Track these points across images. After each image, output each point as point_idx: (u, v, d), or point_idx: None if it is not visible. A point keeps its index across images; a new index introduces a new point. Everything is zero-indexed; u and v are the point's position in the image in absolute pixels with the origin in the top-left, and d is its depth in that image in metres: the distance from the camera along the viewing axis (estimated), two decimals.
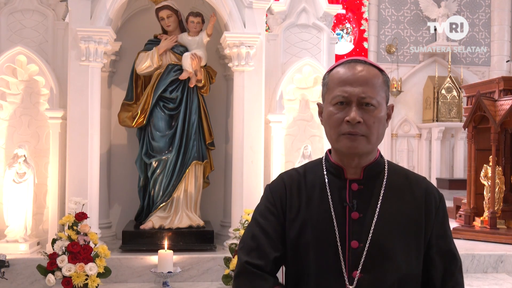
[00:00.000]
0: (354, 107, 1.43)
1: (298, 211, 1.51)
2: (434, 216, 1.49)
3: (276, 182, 1.60)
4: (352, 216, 1.46)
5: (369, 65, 1.48)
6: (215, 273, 4.35)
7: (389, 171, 1.53)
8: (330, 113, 1.47)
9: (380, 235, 1.44)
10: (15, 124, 4.76)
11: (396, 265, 1.43)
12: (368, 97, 1.43)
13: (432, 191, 1.52)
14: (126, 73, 5.01)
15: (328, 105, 1.48)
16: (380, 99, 1.46)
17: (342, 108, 1.45)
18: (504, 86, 5.67)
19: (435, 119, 9.48)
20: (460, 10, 10.23)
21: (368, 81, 1.44)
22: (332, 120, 1.46)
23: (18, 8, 4.71)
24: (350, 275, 1.43)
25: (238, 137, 4.69)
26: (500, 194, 5.62)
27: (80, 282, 3.77)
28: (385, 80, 1.49)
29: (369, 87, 1.44)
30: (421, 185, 1.53)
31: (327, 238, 1.46)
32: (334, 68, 1.51)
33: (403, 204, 1.48)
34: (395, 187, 1.50)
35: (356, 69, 1.46)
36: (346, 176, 1.50)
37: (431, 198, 1.50)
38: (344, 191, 1.49)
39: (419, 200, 1.49)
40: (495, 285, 4.43)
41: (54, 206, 4.56)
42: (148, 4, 5.15)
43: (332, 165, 1.53)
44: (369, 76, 1.45)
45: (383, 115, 1.47)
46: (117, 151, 5.24)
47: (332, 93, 1.47)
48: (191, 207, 4.78)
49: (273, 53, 4.98)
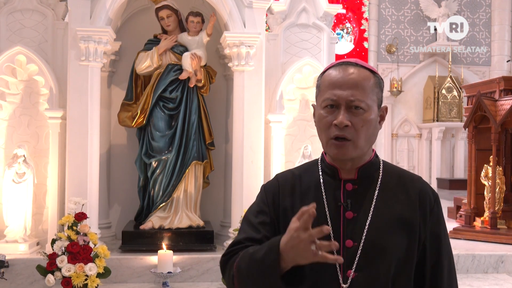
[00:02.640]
0: (343, 110, 1.44)
1: (292, 211, 1.50)
2: (428, 216, 1.49)
3: (271, 182, 1.63)
4: (346, 216, 1.47)
5: (360, 67, 1.48)
6: (215, 274, 4.34)
7: (384, 171, 1.54)
8: (320, 116, 1.49)
9: (374, 234, 1.45)
10: (14, 124, 4.75)
11: (390, 264, 1.44)
12: (357, 100, 1.44)
13: (427, 191, 1.53)
14: (125, 73, 5.00)
15: (319, 108, 1.50)
16: (370, 102, 1.46)
17: (332, 111, 1.46)
18: (505, 86, 5.66)
19: (436, 119, 9.48)
20: (461, 9, 10.22)
21: (358, 84, 1.45)
22: (322, 124, 1.48)
23: (17, 7, 4.70)
24: (345, 274, 1.44)
25: (238, 137, 4.68)
26: (501, 194, 5.61)
27: (79, 283, 3.76)
28: (377, 82, 1.49)
29: (359, 90, 1.44)
30: (416, 185, 1.53)
31: (321, 238, 1.45)
32: (326, 70, 1.52)
33: (397, 204, 1.49)
34: (389, 187, 1.51)
35: (347, 72, 1.46)
36: (340, 176, 1.52)
37: (425, 198, 1.51)
38: (339, 191, 1.50)
39: (413, 200, 1.50)
40: (495, 285, 4.42)
41: (54, 206, 4.55)
42: (148, 4, 5.14)
43: (327, 166, 1.55)
44: (358, 79, 1.45)
45: (374, 117, 1.47)
46: (116, 151, 5.24)
47: (322, 96, 1.49)
48: (191, 207, 4.78)
49: (273, 53, 4.97)
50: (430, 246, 1.49)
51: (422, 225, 1.48)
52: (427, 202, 1.50)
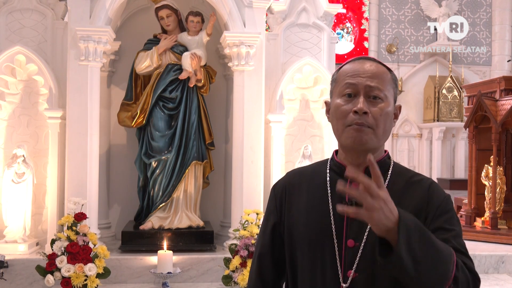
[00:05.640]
0: (362, 98, 1.42)
1: (297, 208, 1.52)
2: (434, 214, 1.43)
3: (279, 180, 1.64)
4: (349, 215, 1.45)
5: (378, 63, 1.49)
6: (215, 274, 4.33)
7: (393, 173, 1.51)
8: (337, 105, 1.47)
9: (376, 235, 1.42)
10: (14, 124, 4.74)
11: None
12: (376, 88, 1.43)
13: (437, 195, 1.47)
14: (125, 72, 4.99)
15: (336, 98, 1.48)
16: (388, 93, 1.46)
17: (350, 100, 1.44)
18: (505, 86, 5.65)
19: (436, 119, 9.46)
20: (461, 9, 10.21)
21: (377, 74, 1.45)
22: (339, 112, 1.45)
23: (17, 7, 4.69)
24: (345, 274, 1.43)
25: (238, 137, 4.67)
26: (501, 194, 5.60)
27: (79, 283, 3.76)
28: (393, 78, 1.50)
29: (378, 79, 1.44)
30: (425, 187, 1.48)
31: (324, 236, 1.46)
32: (343, 66, 1.53)
33: (402, 206, 1.43)
34: (396, 189, 1.47)
35: (365, 64, 1.47)
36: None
37: (433, 200, 1.46)
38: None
39: (421, 203, 1.45)
40: (496, 285, 4.41)
41: (53, 207, 4.55)
42: (148, 4, 5.13)
43: (335, 164, 1.54)
44: (378, 70, 1.46)
45: (391, 110, 1.47)
46: (116, 151, 5.23)
47: (340, 84, 1.48)
48: (191, 207, 4.77)
49: (273, 52, 4.96)
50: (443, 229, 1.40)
51: (431, 225, 1.40)
52: (435, 204, 1.45)
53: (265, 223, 1.61)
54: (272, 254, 1.58)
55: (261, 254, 1.60)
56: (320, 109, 5.07)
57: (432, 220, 1.42)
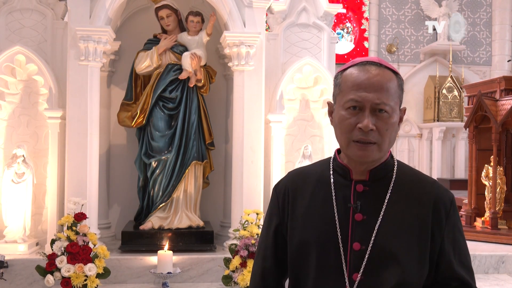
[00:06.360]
0: (367, 113, 1.39)
1: (301, 210, 1.50)
2: (444, 222, 1.44)
3: (281, 181, 1.61)
4: (355, 218, 1.43)
5: (384, 68, 1.44)
6: (215, 274, 4.33)
7: (398, 173, 1.50)
8: (342, 117, 1.43)
9: (383, 238, 1.41)
10: (14, 124, 4.74)
11: (398, 270, 1.39)
12: (382, 104, 1.40)
13: (442, 196, 1.47)
14: (125, 72, 4.99)
15: (340, 109, 1.45)
16: (394, 104, 1.43)
17: (355, 113, 1.41)
18: (506, 86, 5.64)
19: (436, 119, 9.45)
20: (461, 9, 10.20)
21: (383, 86, 1.41)
22: (344, 125, 1.43)
23: (17, 7, 4.69)
24: (351, 277, 1.41)
25: (238, 137, 4.67)
26: (502, 194, 5.59)
27: (79, 283, 3.75)
28: (400, 84, 1.47)
29: (384, 93, 1.41)
30: (431, 189, 1.48)
31: (329, 239, 1.44)
32: (347, 68, 1.47)
33: (409, 208, 1.44)
34: (402, 190, 1.46)
35: (371, 73, 1.42)
36: (352, 177, 1.48)
37: (441, 203, 1.45)
38: (349, 191, 1.46)
39: (428, 205, 1.44)
40: (496, 285, 4.40)
41: (53, 207, 4.54)
42: (148, 4, 5.13)
43: (339, 165, 1.51)
44: (384, 80, 1.42)
45: (396, 120, 1.46)
46: (116, 151, 5.22)
47: (345, 96, 1.43)
48: (191, 207, 4.76)
49: (273, 52, 4.96)
50: (447, 250, 1.45)
51: (437, 231, 1.43)
52: (442, 207, 1.45)
53: (268, 224, 1.59)
54: (275, 255, 1.57)
55: (263, 255, 1.59)
56: (320, 109, 5.07)
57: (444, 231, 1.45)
